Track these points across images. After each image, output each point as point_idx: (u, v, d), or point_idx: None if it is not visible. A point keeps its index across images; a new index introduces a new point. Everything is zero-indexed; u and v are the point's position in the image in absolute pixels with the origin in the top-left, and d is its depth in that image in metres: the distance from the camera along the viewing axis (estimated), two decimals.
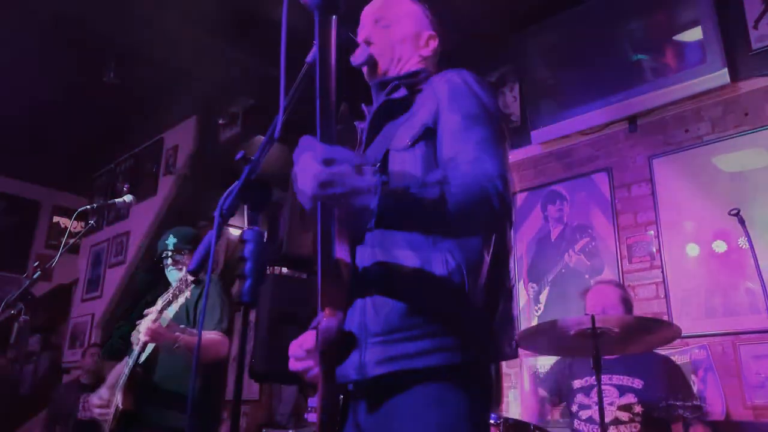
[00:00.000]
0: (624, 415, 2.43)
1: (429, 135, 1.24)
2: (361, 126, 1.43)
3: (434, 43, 1.47)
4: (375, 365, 1.14)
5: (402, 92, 1.34)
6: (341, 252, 1.26)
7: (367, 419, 1.20)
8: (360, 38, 1.43)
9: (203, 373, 2.71)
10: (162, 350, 2.61)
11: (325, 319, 1.13)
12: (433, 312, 1.14)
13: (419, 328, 1.13)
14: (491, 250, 1.23)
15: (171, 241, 2.98)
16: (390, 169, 1.23)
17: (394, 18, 1.44)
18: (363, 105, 1.46)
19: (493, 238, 1.24)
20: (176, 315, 2.71)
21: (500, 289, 1.24)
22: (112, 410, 2.64)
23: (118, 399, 2.60)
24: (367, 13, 1.47)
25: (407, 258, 1.17)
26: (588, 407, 2.50)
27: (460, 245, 1.18)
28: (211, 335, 2.66)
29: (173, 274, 2.95)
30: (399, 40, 1.42)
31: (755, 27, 3.19)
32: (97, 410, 2.71)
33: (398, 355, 1.12)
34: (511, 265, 1.32)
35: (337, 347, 1.13)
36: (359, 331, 1.17)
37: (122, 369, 2.81)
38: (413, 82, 1.37)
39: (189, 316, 2.75)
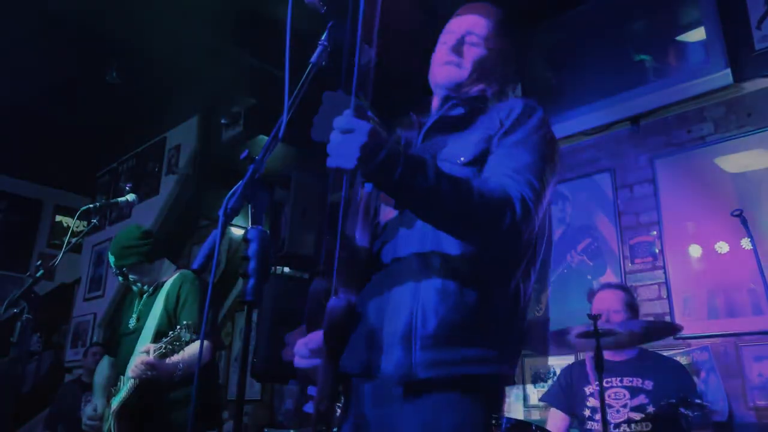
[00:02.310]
0: (636, 416, 2.47)
1: (484, 158, 1.28)
2: (407, 135, 1.44)
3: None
4: (426, 367, 1.14)
5: (459, 110, 1.38)
6: (363, 239, 1.30)
7: (376, 413, 1.21)
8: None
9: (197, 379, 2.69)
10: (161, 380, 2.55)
11: (334, 298, 1.19)
12: (483, 323, 1.18)
13: (469, 337, 1.17)
14: (536, 276, 1.32)
15: (111, 261, 2.84)
16: None
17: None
18: (413, 115, 1.47)
19: (537, 265, 1.32)
20: (158, 323, 2.66)
21: (525, 315, 1.31)
22: (105, 427, 2.64)
23: (112, 426, 2.59)
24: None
25: (463, 269, 1.20)
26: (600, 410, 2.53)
27: (515, 265, 1.25)
28: (198, 344, 2.59)
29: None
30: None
31: (758, 27, 3.18)
32: (89, 422, 2.69)
33: (448, 360, 1.15)
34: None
35: (342, 328, 1.18)
36: (406, 331, 1.17)
37: (107, 379, 2.78)
38: (474, 105, 1.40)
39: (171, 322, 2.69)
